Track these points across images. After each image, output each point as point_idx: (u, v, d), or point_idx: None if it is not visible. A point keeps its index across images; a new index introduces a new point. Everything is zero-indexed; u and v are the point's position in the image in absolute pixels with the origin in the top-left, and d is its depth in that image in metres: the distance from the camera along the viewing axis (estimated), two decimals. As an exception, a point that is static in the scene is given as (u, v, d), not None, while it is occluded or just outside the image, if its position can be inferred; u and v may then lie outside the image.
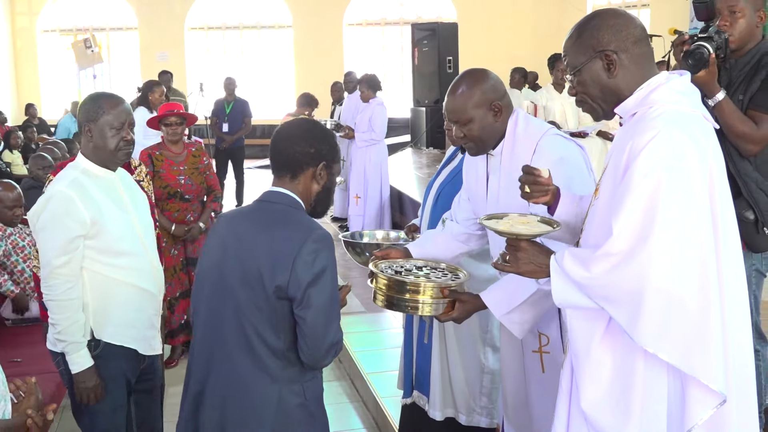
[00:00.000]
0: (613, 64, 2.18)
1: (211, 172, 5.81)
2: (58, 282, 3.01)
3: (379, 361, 5.38)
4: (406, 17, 18.50)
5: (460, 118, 2.82)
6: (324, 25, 18.00)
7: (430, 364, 3.58)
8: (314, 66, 17.11)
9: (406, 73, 15.44)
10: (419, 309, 2.72)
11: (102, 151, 3.11)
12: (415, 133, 13.26)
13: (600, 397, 2.11)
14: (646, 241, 1.97)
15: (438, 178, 3.66)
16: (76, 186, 3.03)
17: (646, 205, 1.98)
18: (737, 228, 2.15)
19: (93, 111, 3.09)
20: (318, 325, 2.39)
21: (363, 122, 9.03)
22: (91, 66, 14.42)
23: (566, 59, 2.28)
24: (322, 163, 2.55)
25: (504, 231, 2.29)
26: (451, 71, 12.49)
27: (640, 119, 2.12)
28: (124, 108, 3.13)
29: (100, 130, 3.08)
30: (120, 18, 18.43)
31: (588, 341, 2.13)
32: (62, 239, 2.98)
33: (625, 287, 2.00)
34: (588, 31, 2.21)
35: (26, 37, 18.15)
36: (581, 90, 2.26)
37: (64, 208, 2.98)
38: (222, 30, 18.84)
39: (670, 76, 2.19)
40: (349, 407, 5.02)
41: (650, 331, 1.98)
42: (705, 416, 2.03)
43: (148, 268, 3.23)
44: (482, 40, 16.17)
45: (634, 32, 2.20)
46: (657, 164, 1.99)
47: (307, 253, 2.37)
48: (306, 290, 2.37)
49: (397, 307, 2.76)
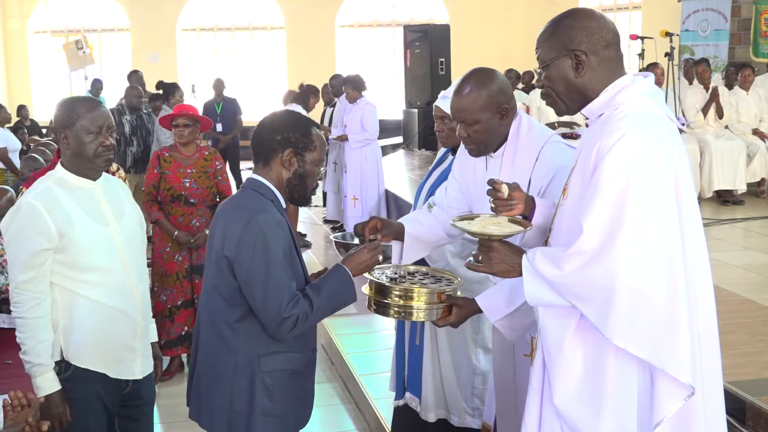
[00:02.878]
0: (581, 65, 2.23)
1: (224, 178, 5.54)
2: (23, 299, 2.84)
3: (371, 362, 5.38)
4: (398, 19, 18.52)
5: (466, 118, 2.81)
6: (316, 27, 18.00)
7: (421, 365, 3.59)
8: (306, 67, 17.10)
9: (398, 75, 15.46)
10: (414, 315, 2.73)
11: (80, 159, 2.92)
12: (407, 135, 13.26)
13: (572, 393, 2.15)
14: (614, 239, 2.01)
15: (429, 180, 3.67)
16: (45, 196, 2.86)
17: (615, 204, 2.03)
18: (701, 224, 2.19)
19: (67, 116, 2.90)
20: (257, 300, 2.58)
21: (354, 123, 9.02)
22: (82, 67, 14.40)
23: (538, 52, 2.32)
24: (289, 149, 2.68)
25: (476, 232, 2.35)
26: (443, 73, 12.51)
27: (606, 120, 2.17)
28: (101, 111, 2.94)
29: (76, 135, 2.89)
30: (111, 19, 18.40)
31: (560, 338, 2.18)
32: (27, 253, 2.81)
33: (595, 284, 2.05)
34: (562, 29, 2.26)
35: (17, 38, 18.09)
36: (548, 84, 2.31)
37: (29, 219, 2.82)
38: (214, 31, 18.82)
39: (635, 78, 2.24)
40: (341, 409, 5.02)
41: (620, 326, 2.03)
42: (674, 409, 2.07)
43: (125, 286, 2.98)
44: (474, 42, 16.20)
45: (606, 36, 2.24)
46: (625, 164, 2.04)
47: (249, 231, 2.57)
48: (244, 267, 2.57)
49: (391, 313, 2.76)
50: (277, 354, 2.67)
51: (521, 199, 2.50)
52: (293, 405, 2.75)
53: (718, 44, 11.74)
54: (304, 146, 2.70)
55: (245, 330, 2.65)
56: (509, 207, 2.48)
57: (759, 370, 3.65)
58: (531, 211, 2.53)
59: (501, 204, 2.48)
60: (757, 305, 4.51)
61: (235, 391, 2.66)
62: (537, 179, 2.77)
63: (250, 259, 2.56)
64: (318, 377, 5.53)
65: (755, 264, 5.72)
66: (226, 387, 2.67)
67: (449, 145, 3.57)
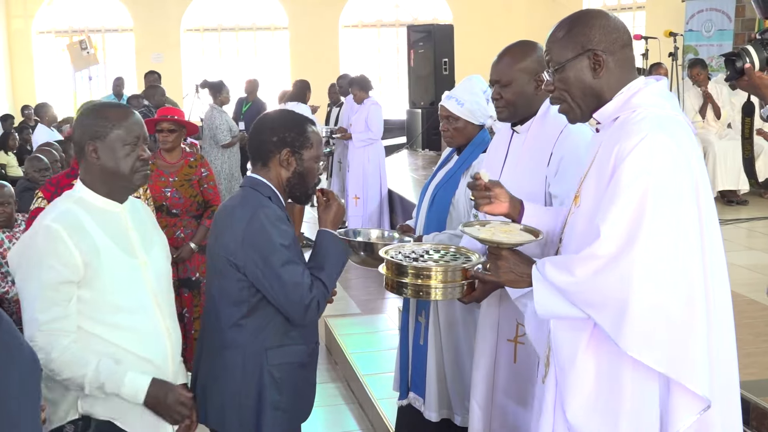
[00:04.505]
0: (600, 65, 2.16)
1: (211, 186, 5.16)
2: (50, 339, 2.32)
3: (374, 362, 5.38)
4: (402, 19, 18.50)
5: (502, 78, 2.88)
6: (320, 27, 17.99)
7: (425, 365, 3.58)
8: (310, 68, 17.08)
9: (402, 75, 15.45)
10: (432, 294, 2.70)
11: (112, 176, 2.48)
12: (410, 135, 13.25)
13: (586, 406, 2.09)
14: (632, 246, 1.96)
15: (434, 180, 3.66)
16: (67, 219, 2.41)
17: (634, 209, 1.98)
18: (720, 231, 2.15)
19: (98, 125, 2.46)
20: (278, 295, 2.62)
21: (359, 123, 9.13)
22: (86, 67, 14.41)
23: (549, 54, 2.24)
24: (286, 149, 2.71)
25: (485, 239, 2.28)
26: (447, 73, 12.51)
27: (624, 123, 2.12)
28: (136, 119, 2.54)
29: (110, 148, 2.46)
30: (115, 19, 18.39)
31: (573, 351, 2.11)
32: (48, 286, 2.33)
33: (609, 292, 1.99)
34: (579, 28, 2.19)
35: (22, 39, 18.09)
36: (562, 87, 2.22)
37: (49, 246, 2.35)
38: (218, 31, 18.82)
39: (648, 81, 2.20)
40: (344, 409, 5.02)
41: (635, 336, 1.97)
42: (689, 422, 2.03)
43: (157, 329, 2.53)
44: (478, 42, 16.18)
45: (623, 36, 2.21)
46: (645, 168, 1.99)
47: (251, 228, 2.60)
48: (256, 265, 2.60)
49: (408, 293, 2.74)
50: (284, 347, 2.72)
51: (503, 196, 2.46)
52: (299, 397, 2.80)
53: (722, 44, 11.71)
54: (300, 145, 2.73)
55: (252, 325, 2.69)
56: (488, 199, 2.44)
57: (763, 370, 3.64)
58: (519, 215, 2.49)
59: (479, 195, 2.44)
60: (761, 305, 4.50)
61: (244, 387, 2.69)
62: (558, 152, 2.81)
63: (260, 257, 2.61)
64: (321, 377, 5.54)
65: (759, 264, 5.71)
66: (235, 384, 2.70)
67: (454, 145, 3.57)
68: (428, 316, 3.55)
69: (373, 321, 6.41)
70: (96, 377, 2.35)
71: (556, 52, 2.22)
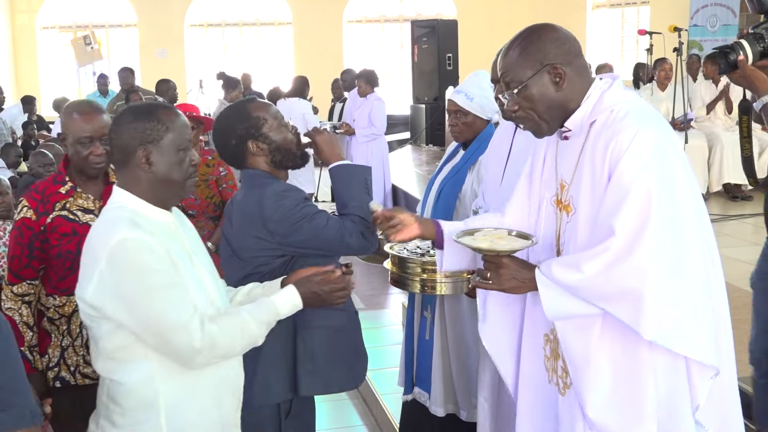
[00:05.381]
0: (561, 77, 2.18)
1: (230, 185, 4.82)
2: (202, 336, 2.12)
3: (379, 358, 5.38)
4: (406, 14, 18.50)
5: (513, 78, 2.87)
6: (324, 22, 17.99)
7: (431, 360, 3.59)
8: (314, 63, 17.08)
9: (406, 71, 15.43)
10: (437, 288, 2.69)
11: (165, 184, 2.23)
12: (414, 131, 13.24)
13: (606, 401, 2.13)
14: (643, 237, 2.00)
15: (439, 176, 3.66)
16: (138, 226, 2.12)
17: (642, 204, 2.02)
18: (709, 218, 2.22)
19: (151, 128, 2.19)
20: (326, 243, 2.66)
21: (362, 118, 9.10)
22: (90, 63, 14.40)
23: (507, 76, 2.23)
24: (249, 141, 2.72)
25: (484, 248, 2.25)
26: (451, 68, 12.49)
27: (607, 124, 2.15)
28: (185, 120, 2.29)
29: (166, 153, 2.20)
30: (119, 15, 18.41)
31: (585, 349, 2.15)
32: (162, 287, 2.10)
33: (624, 283, 2.03)
34: (533, 45, 2.20)
35: (26, 34, 18.12)
36: (527, 106, 2.22)
37: (141, 253, 2.08)
38: (221, 27, 18.82)
39: (606, 80, 2.23)
40: (348, 404, 5.02)
41: (654, 322, 2.03)
42: (705, 390, 2.12)
43: None
44: (482, 37, 16.15)
45: (575, 45, 2.23)
46: (645, 164, 2.04)
47: (266, 204, 2.62)
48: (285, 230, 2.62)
49: (414, 286, 2.73)
50: (315, 311, 2.61)
51: (408, 220, 2.53)
52: (337, 363, 2.78)
53: (726, 39, 11.67)
54: (257, 129, 2.73)
55: None
56: (393, 228, 2.52)
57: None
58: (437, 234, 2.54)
59: (385, 227, 2.53)
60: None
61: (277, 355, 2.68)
62: None
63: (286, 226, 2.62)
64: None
65: (764, 260, 5.66)
66: (268, 353, 2.64)
67: (462, 139, 3.57)
68: (434, 311, 3.56)
69: (377, 316, 6.41)
70: (258, 327, 2.26)
71: (515, 72, 2.21)
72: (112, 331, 2.13)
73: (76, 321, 3.06)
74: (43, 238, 3.00)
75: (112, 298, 2.08)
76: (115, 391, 2.18)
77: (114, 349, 2.16)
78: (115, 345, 2.15)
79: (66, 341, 3.08)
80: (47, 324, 3.09)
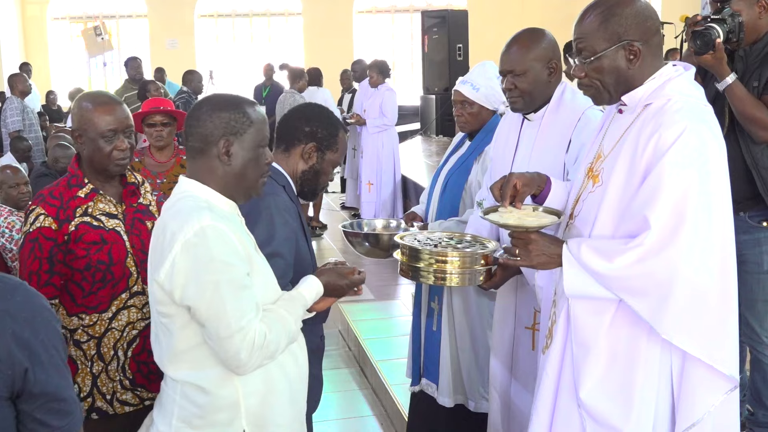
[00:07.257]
0: (636, 56, 2.15)
1: None
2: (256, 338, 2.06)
3: (388, 348, 5.39)
4: (416, 5, 18.46)
5: (516, 67, 2.85)
6: (334, 13, 17.97)
7: (438, 351, 3.59)
8: (324, 54, 17.08)
9: (416, 61, 15.41)
10: (447, 280, 2.68)
11: (239, 180, 2.18)
12: (424, 121, 13.23)
13: (601, 385, 2.14)
14: (677, 236, 1.99)
15: (446, 166, 3.65)
16: (218, 216, 2.09)
17: (678, 201, 2.01)
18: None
19: (237, 120, 2.14)
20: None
21: (374, 108, 9.08)
22: (101, 54, 14.43)
23: (583, 43, 2.20)
24: (312, 143, 2.69)
25: (513, 225, 2.26)
26: (461, 59, 12.45)
27: (660, 111, 2.11)
28: (265, 116, 2.24)
29: (245, 148, 2.16)
30: (130, 5, 18.44)
31: (595, 333, 2.16)
32: (235, 285, 2.05)
33: (653, 280, 2.02)
34: (615, 18, 2.15)
35: (37, 25, 18.17)
36: (595, 76, 2.20)
37: (222, 243, 2.04)
38: (232, 17, 18.82)
39: (678, 69, 2.20)
40: (358, 394, 5.03)
41: (675, 322, 2.03)
42: (717, 402, 2.08)
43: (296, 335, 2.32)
44: (492, 28, 16.10)
45: (655, 23, 2.19)
46: (688, 161, 2.02)
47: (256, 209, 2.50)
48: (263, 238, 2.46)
49: (425, 278, 2.73)
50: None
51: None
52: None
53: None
54: (328, 145, 2.73)
55: None
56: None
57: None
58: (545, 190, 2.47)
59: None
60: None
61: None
62: (577, 139, 2.80)
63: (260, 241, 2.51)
64: (335, 363, 5.55)
65: None
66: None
67: (468, 129, 3.56)
68: (441, 302, 3.56)
69: (387, 307, 6.41)
70: (296, 322, 2.22)
71: (591, 42, 2.18)
72: (186, 325, 2.09)
73: (108, 342, 2.71)
74: (66, 249, 2.65)
75: (185, 281, 2.03)
76: (192, 393, 2.13)
77: (187, 349, 2.11)
78: (188, 344, 2.10)
79: (97, 367, 2.71)
80: (72, 349, 2.69)
